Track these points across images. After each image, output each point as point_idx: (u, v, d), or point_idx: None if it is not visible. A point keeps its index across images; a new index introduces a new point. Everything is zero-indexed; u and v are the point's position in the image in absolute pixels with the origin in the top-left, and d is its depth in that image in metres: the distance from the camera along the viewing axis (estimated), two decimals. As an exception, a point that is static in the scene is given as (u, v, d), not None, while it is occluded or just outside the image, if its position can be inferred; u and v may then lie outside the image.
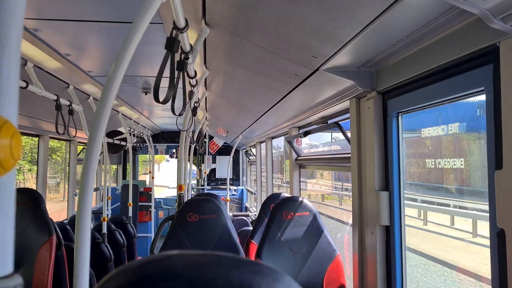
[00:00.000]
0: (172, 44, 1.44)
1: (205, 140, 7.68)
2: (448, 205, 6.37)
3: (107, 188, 4.99)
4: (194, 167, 9.14)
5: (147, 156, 10.25)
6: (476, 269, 5.53)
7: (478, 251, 5.84)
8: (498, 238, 1.14)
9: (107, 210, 5.10)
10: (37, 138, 4.38)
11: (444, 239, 6.77)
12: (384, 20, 1.23)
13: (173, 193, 9.21)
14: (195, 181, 9.54)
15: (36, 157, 4.37)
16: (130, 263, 0.40)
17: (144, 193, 7.27)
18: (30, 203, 2.85)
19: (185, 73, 1.83)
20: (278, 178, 11.75)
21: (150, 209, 7.20)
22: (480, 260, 5.59)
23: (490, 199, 1.16)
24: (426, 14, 1.23)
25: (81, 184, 1.14)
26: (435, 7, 1.18)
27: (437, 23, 1.26)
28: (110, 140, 6.05)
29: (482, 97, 1.21)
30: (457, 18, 1.19)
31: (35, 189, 3.72)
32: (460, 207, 6.13)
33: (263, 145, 5.87)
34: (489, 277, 1.18)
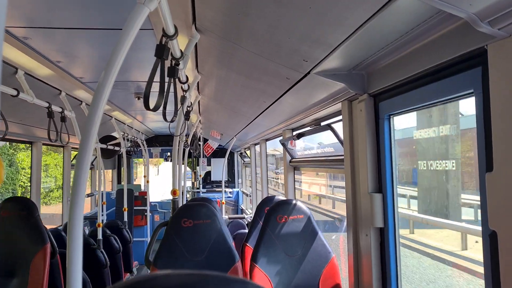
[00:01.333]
0: (162, 51, 1.43)
1: (199, 143, 7.67)
2: None
3: (102, 193, 4.96)
4: (189, 169, 9.12)
5: (136, 160, 10.17)
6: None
7: None
8: (490, 240, 1.14)
9: (102, 215, 5.07)
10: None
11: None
12: (373, 24, 1.24)
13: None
14: (190, 184, 9.52)
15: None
16: (115, 285, 0.39)
17: (139, 197, 7.23)
18: (22, 212, 2.83)
19: (176, 79, 1.82)
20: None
21: (145, 213, 7.16)
22: None
23: (482, 201, 1.17)
24: (415, 18, 1.24)
25: (73, 190, 1.14)
26: (423, 11, 1.18)
27: (425, 27, 1.26)
28: (104, 146, 6.02)
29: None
30: (445, 21, 1.19)
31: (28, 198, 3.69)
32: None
33: (257, 147, 5.87)
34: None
